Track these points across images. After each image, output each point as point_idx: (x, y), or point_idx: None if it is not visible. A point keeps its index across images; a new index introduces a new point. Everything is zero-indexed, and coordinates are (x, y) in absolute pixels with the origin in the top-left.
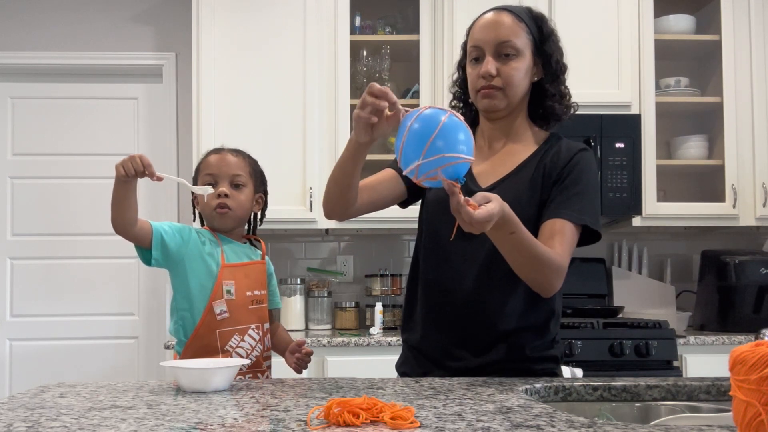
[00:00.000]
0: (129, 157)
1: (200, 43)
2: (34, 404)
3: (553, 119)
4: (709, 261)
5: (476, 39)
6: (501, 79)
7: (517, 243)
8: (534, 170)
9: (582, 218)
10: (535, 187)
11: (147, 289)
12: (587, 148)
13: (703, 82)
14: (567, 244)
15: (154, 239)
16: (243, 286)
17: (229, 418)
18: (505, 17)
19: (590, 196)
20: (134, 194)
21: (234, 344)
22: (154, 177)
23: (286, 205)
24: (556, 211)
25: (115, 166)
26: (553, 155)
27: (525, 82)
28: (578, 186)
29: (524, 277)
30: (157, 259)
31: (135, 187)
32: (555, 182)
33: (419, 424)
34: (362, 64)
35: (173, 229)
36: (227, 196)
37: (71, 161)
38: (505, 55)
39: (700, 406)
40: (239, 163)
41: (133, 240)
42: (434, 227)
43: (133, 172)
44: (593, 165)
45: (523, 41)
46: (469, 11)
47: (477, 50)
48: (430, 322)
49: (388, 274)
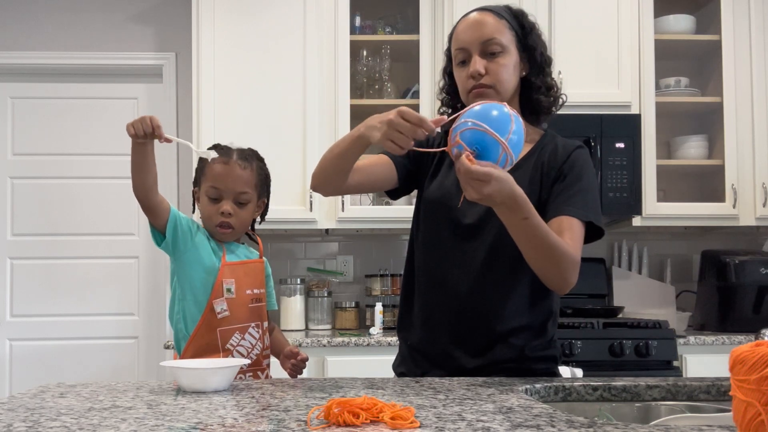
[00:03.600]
0: (140, 118)
1: (200, 43)
2: (34, 404)
3: (542, 113)
4: (709, 261)
5: (461, 41)
6: (490, 77)
7: (532, 230)
8: (532, 169)
9: (587, 215)
10: (534, 186)
11: (147, 289)
12: (583, 145)
13: (703, 82)
14: (577, 239)
15: (170, 221)
16: (243, 285)
17: (229, 418)
18: (487, 16)
19: (592, 192)
20: (152, 158)
21: (235, 343)
22: (162, 138)
23: (286, 205)
24: (561, 208)
25: (126, 126)
26: (550, 154)
27: (514, 78)
28: (580, 183)
29: (540, 271)
30: (168, 242)
31: (152, 150)
32: (555, 180)
33: (419, 424)
34: (362, 64)
35: (185, 220)
36: (230, 215)
37: (71, 161)
38: (492, 54)
39: (700, 406)
40: (247, 177)
41: (149, 210)
42: (433, 226)
43: (143, 133)
44: (590, 162)
45: (507, 37)
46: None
47: (463, 52)
48: (429, 322)
49: (388, 274)
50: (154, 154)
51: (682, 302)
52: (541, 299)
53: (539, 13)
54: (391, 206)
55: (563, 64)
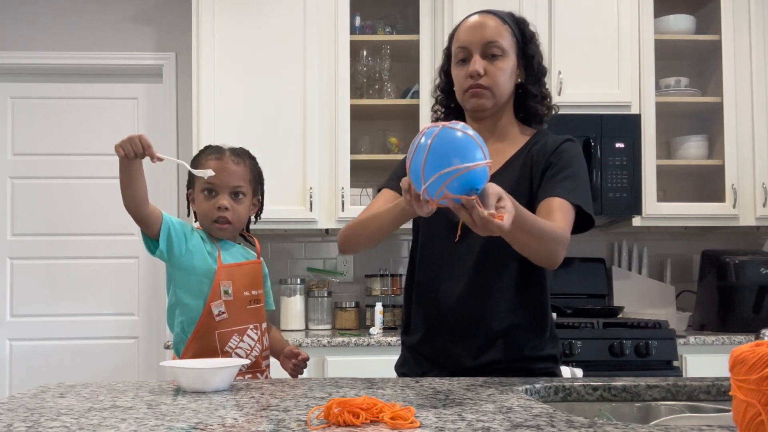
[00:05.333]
0: (128, 138)
1: (200, 43)
2: (34, 404)
3: (535, 120)
4: (709, 261)
5: (462, 40)
6: (488, 78)
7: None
8: (522, 165)
9: (576, 199)
10: (524, 180)
11: (147, 289)
12: (573, 138)
13: (703, 82)
14: (566, 218)
15: (162, 230)
16: (240, 286)
17: (229, 418)
18: (490, 20)
19: (581, 179)
20: (141, 174)
21: (233, 345)
22: (154, 158)
23: (286, 205)
24: (551, 191)
25: (114, 147)
26: (539, 147)
27: (510, 82)
28: (569, 170)
29: (528, 253)
30: (162, 250)
31: (140, 166)
32: (544, 170)
33: (419, 424)
34: (362, 64)
35: (180, 225)
36: (227, 209)
37: (71, 161)
38: (492, 56)
39: (700, 406)
40: (241, 172)
41: (142, 222)
42: (429, 231)
43: (133, 155)
44: (580, 153)
45: (508, 42)
46: (469, 11)
47: (464, 51)
48: (428, 324)
49: (388, 274)
50: (142, 169)
51: (682, 302)
52: (534, 298)
53: (539, 13)
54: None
55: (563, 64)
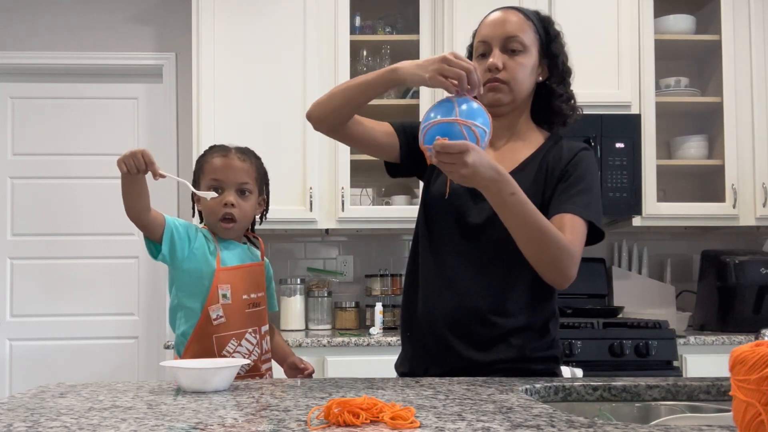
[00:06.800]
0: (130, 153)
1: (200, 43)
2: (34, 404)
3: (558, 121)
4: (709, 261)
5: (483, 35)
6: (507, 73)
7: (520, 208)
8: (537, 169)
9: (588, 214)
10: (539, 186)
11: (147, 289)
12: (588, 147)
13: (703, 82)
14: (577, 234)
15: (165, 235)
16: (239, 290)
17: (229, 418)
18: (513, 15)
19: (594, 194)
20: (143, 184)
21: (231, 349)
22: (157, 176)
23: (286, 205)
24: (563, 206)
25: (117, 162)
26: (555, 154)
27: (530, 79)
28: (582, 183)
29: (534, 260)
30: (164, 254)
31: (143, 179)
32: (559, 180)
33: (419, 424)
34: (362, 64)
35: (183, 227)
36: (234, 206)
37: (71, 161)
38: (512, 51)
39: (700, 406)
40: (247, 168)
41: (144, 228)
42: (438, 224)
43: (135, 171)
44: (595, 164)
45: (530, 38)
46: (469, 11)
47: (484, 45)
48: (431, 317)
49: (388, 274)
50: (145, 181)
51: (682, 302)
52: (542, 300)
53: None
54: (392, 206)
55: None
